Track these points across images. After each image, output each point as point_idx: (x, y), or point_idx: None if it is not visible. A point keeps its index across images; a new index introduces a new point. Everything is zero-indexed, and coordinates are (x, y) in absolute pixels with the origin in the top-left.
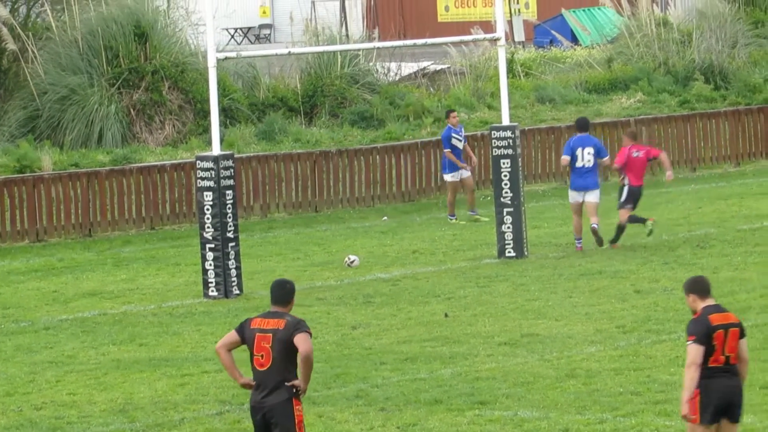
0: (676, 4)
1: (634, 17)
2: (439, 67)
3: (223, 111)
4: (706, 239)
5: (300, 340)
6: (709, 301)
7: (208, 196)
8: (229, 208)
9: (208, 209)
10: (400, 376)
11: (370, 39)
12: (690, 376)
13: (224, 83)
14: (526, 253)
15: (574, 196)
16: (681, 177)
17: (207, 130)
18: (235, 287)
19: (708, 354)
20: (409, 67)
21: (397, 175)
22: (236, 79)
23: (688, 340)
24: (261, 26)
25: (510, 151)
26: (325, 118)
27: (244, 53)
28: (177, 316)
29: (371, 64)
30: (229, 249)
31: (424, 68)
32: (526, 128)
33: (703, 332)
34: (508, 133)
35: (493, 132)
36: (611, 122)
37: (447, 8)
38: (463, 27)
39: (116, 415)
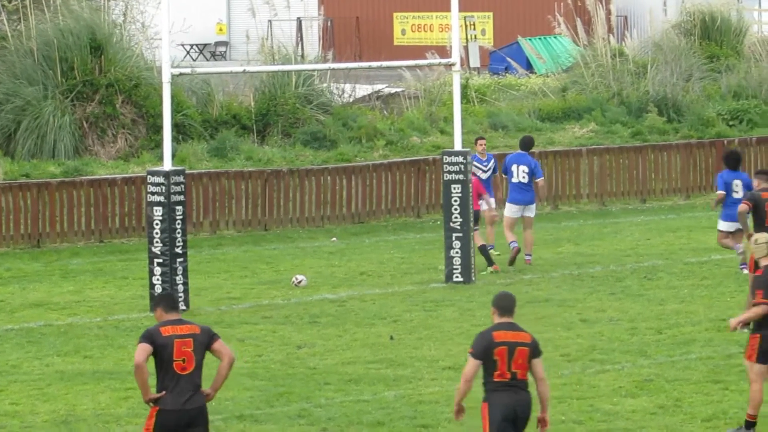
0: (632, 35)
1: (590, 47)
2: (393, 90)
3: (176, 126)
4: (654, 271)
5: (222, 346)
6: (506, 319)
7: (158, 211)
8: (178, 224)
9: (157, 224)
10: (343, 397)
11: (325, 60)
12: (460, 388)
13: (178, 99)
14: (473, 278)
15: (512, 210)
16: (631, 208)
17: (159, 145)
18: (182, 303)
19: (491, 369)
20: (363, 89)
21: (348, 196)
22: (190, 95)
23: (468, 352)
24: (217, 43)
25: (461, 177)
26: (277, 137)
27: (199, 70)
28: (123, 330)
29: (325, 85)
30: (177, 264)
31: (379, 91)
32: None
33: (482, 347)
34: (460, 159)
35: (444, 157)
36: (563, 151)
37: (403, 32)
38: (418, 51)
39: (58, 426)
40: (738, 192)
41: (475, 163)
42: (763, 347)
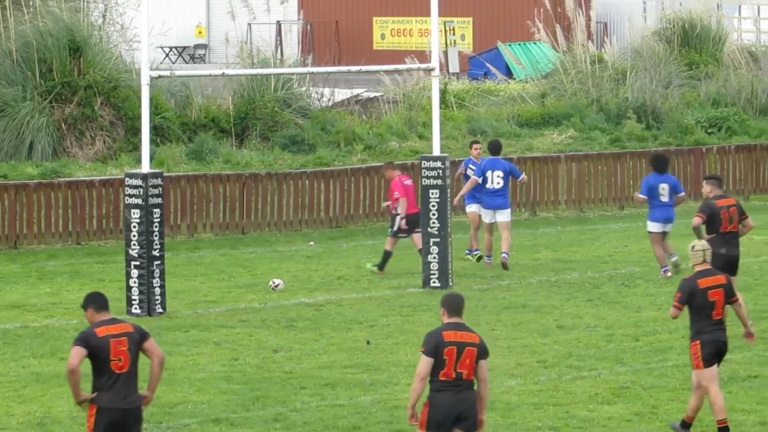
0: (611, 42)
1: (570, 53)
2: (372, 95)
3: (154, 129)
4: (631, 278)
5: (153, 345)
6: (455, 319)
7: (136, 214)
8: (156, 227)
9: (134, 226)
10: (319, 401)
11: (304, 63)
12: (413, 386)
13: (156, 101)
14: (450, 283)
15: (484, 215)
16: (609, 215)
17: (137, 147)
18: (159, 306)
19: (438, 368)
20: (342, 94)
21: (326, 200)
22: (169, 98)
23: (420, 350)
24: (196, 46)
25: (439, 182)
26: (256, 140)
27: (178, 72)
28: None
29: (304, 88)
30: (154, 267)
31: (358, 95)
32: (457, 159)
33: (432, 346)
34: (438, 164)
35: (423, 162)
36: (542, 157)
37: (383, 36)
38: (398, 56)
39: (34, 428)
40: (664, 195)
41: (470, 166)
42: (705, 352)
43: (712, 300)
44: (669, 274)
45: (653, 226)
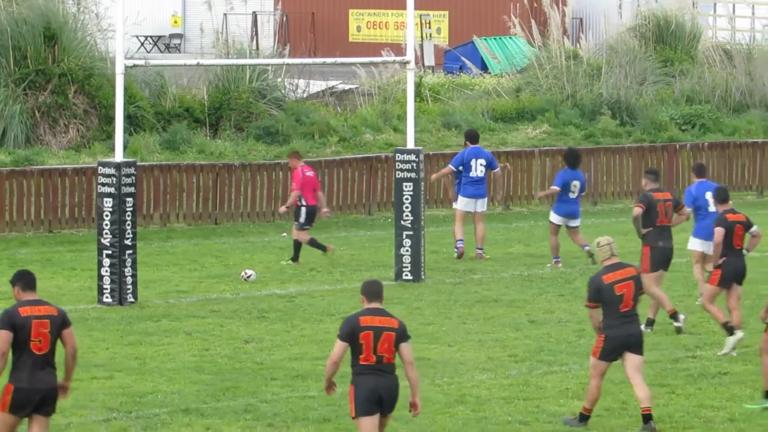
0: (587, 37)
1: (545, 48)
2: (347, 87)
3: (128, 118)
4: None
5: (71, 335)
6: (374, 304)
7: (108, 203)
8: (128, 216)
9: (107, 215)
10: (290, 392)
11: (280, 55)
12: (327, 370)
13: (131, 90)
14: (423, 277)
15: (466, 204)
16: (582, 210)
17: (111, 136)
18: (130, 295)
19: (357, 352)
20: (317, 85)
21: None
22: (143, 87)
23: (337, 335)
24: (171, 35)
25: (413, 175)
26: (230, 131)
27: (152, 62)
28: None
29: (279, 80)
30: (126, 256)
31: (333, 87)
32: (431, 153)
33: (348, 331)
34: (413, 157)
35: (397, 155)
36: (516, 152)
37: (359, 29)
38: (373, 48)
39: None
40: (574, 192)
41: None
42: (607, 347)
43: (620, 294)
44: (560, 265)
45: (555, 218)
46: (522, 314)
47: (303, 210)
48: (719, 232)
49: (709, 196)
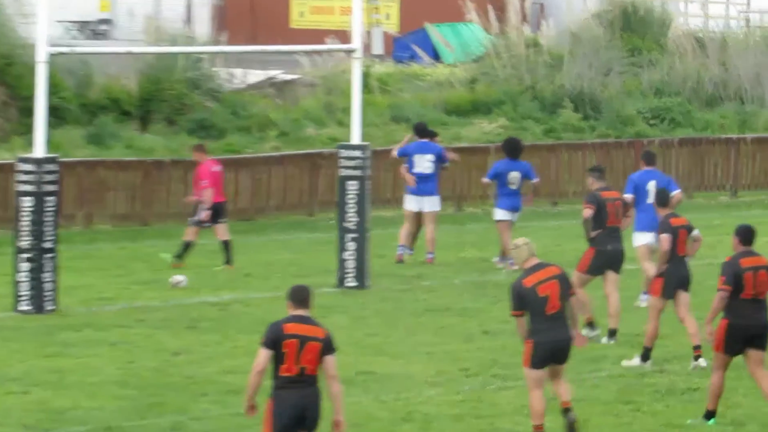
0: (548, 24)
1: (503, 36)
2: (288, 77)
3: (51, 110)
4: None
5: None
6: (301, 311)
7: (27, 202)
8: (49, 216)
9: (26, 216)
10: (222, 409)
11: (216, 42)
12: (250, 380)
13: (54, 80)
14: (368, 283)
15: (411, 203)
16: (541, 211)
17: (31, 129)
18: (50, 302)
19: (279, 362)
20: (256, 75)
21: (235, 191)
22: (67, 77)
23: (260, 342)
24: (99, 20)
25: (359, 173)
26: (161, 124)
27: (78, 49)
28: None
29: (215, 69)
30: (46, 260)
31: (273, 77)
32: (379, 149)
33: (272, 338)
34: (358, 153)
35: (341, 151)
36: (470, 147)
37: (302, 14)
38: (317, 35)
39: None
40: (514, 184)
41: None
42: (537, 354)
43: (543, 295)
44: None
45: (501, 214)
46: (475, 324)
47: (202, 207)
48: (666, 239)
49: (651, 186)
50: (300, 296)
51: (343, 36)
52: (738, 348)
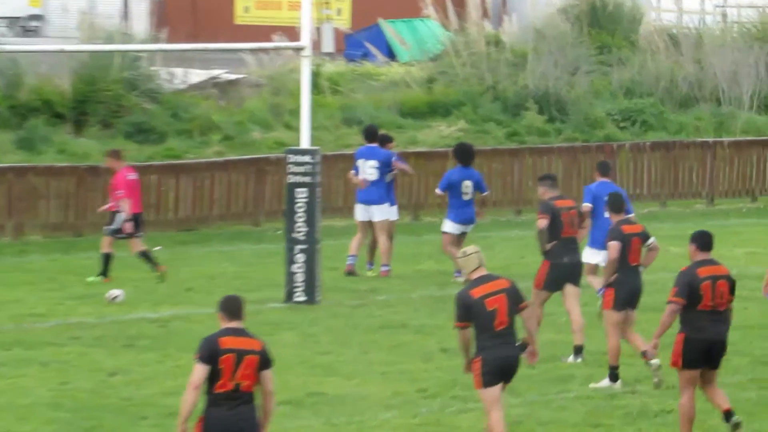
0: (511, 20)
1: (462, 33)
2: (232, 77)
3: None
4: (528, 294)
5: None
6: (234, 323)
7: None
8: None
9: None
10: None
11: (155, 40)
12: (185, 398)
13: None
14: (318, 298)
15: (358, 212)
16: (504, 220)
17: None
18: None
19: (214, 379)
20: (198, 75)
21: (175, 199)
22: None
23: (194, 357)
24: (30, 16)
25: (308, 179)
26: (96, 127)
27: (7, 47)
28: None
29: (154, 68)
30: None
31: (216, 77)
32: (329, 153)
33: (208, 354)
34: (308, 158)
35: (289, 156)
36: (427, 152)
37: (246, 9)
38: (263, 32)
39: None
40: (468, 193)
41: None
42: (487, 371)
43: (491, 309)
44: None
45: (450, 227)
46: (433, 342)
47: (119, 217)
48: (614, 246)
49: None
50: (233, 307)
51: (291, 33)
52: (699, 361)
